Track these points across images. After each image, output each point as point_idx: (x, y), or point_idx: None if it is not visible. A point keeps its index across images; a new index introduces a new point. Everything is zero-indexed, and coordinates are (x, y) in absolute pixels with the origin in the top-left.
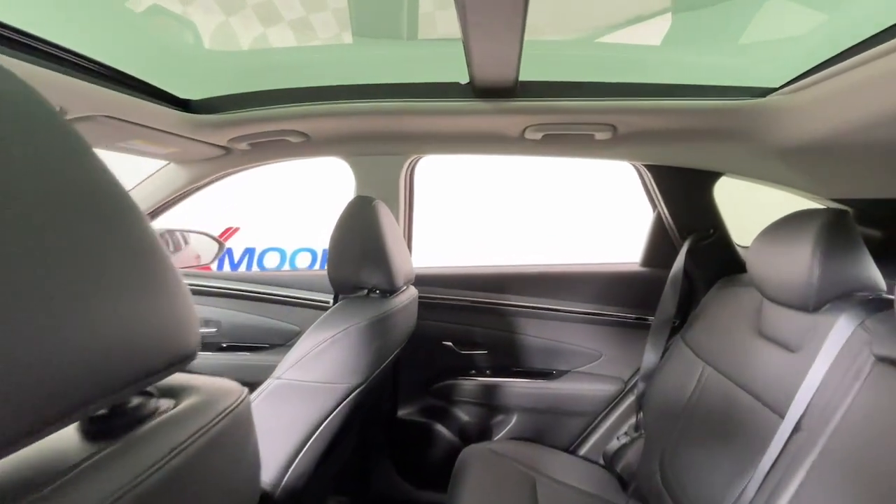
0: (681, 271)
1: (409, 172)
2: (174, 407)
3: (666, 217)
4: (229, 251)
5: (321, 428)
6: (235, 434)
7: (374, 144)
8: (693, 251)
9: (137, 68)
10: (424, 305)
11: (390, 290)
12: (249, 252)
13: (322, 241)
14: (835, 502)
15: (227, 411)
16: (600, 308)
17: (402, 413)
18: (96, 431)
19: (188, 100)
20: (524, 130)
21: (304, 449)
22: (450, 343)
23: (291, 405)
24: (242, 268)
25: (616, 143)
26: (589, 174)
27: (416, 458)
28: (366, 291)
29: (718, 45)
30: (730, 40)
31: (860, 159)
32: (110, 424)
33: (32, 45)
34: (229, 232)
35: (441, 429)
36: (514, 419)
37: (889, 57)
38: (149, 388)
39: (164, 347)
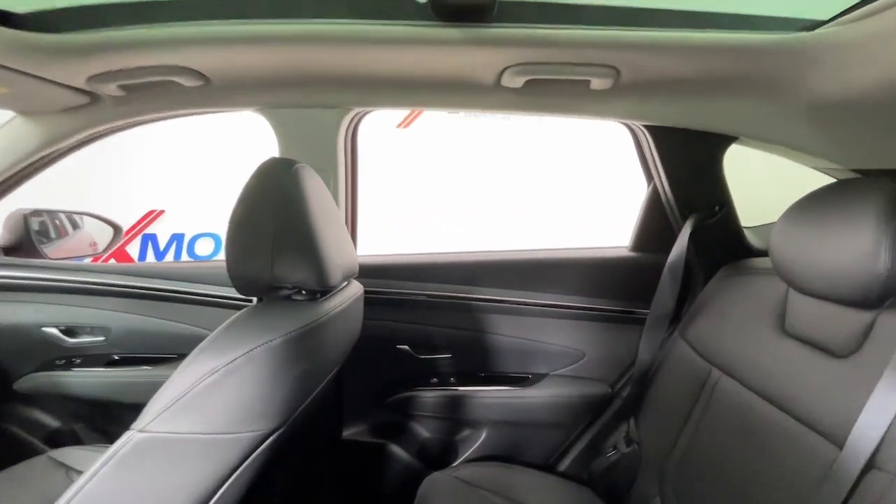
0: (682, 256)
1: (350, 131)
2: None
3: (665, 191)
4: (153, 238)
5: (222, 490)
6: None
7: (300, 91)
8: (695, 232)
9: None
10: (373, 302)
11: (322, 290)
12: (177, 238)
13: None
14: None
15: None
16: (582, 301)
17: (348, 433)
18: None
19: (7, 12)
20: (501, 73)
21: None
22: (406, 347)
23: (167, 468)
24: (170, 258)
25: (616, 94)
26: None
27: (368, 488)
28: (288, 292)
29: None
30: None
31: None
32: None
33: None
34: (152, 216)
35: (397, 450)
36: (483, 434)
37: None
38: None
39: None
